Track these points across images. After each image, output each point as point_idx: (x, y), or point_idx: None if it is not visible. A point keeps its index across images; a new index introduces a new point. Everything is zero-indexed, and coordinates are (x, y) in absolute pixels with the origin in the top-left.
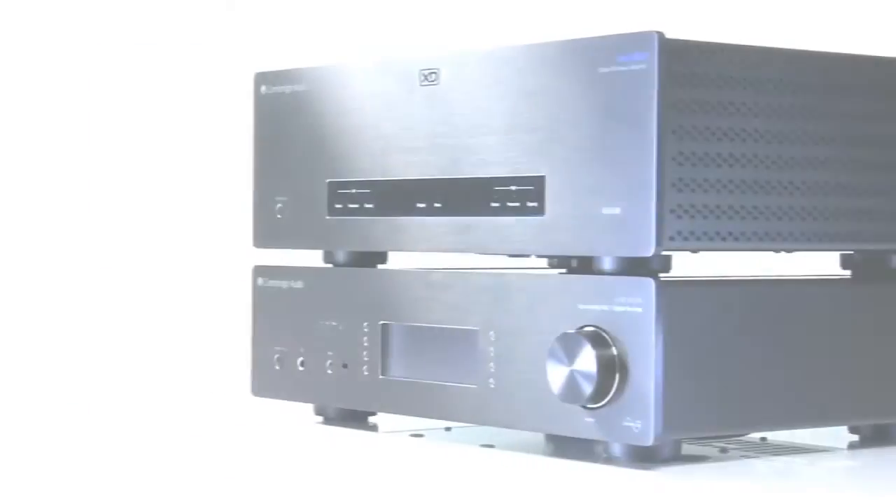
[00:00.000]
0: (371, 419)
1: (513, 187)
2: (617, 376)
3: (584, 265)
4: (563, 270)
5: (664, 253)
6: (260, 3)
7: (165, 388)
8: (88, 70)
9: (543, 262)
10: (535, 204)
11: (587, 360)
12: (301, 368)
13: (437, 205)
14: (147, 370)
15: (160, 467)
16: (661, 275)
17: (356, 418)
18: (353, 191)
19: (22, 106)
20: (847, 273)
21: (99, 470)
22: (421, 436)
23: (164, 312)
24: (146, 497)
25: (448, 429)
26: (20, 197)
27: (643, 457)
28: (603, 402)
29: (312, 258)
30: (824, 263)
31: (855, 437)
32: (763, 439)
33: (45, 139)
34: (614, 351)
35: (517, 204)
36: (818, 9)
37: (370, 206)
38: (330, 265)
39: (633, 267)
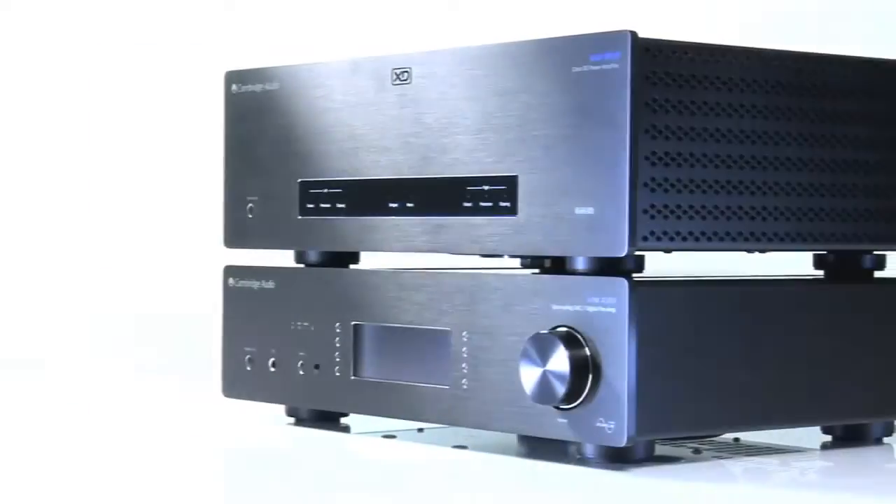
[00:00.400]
0: (343, 420)
1: (485, 187)
2: (590, 377)
3: (557, 265)
4: (536, 271)
5: (637, 253)
6: (233, 1)
7: (136, 388)
8: (58, 70)
9: (516, 262)
10: (507, 204)
11: (560, 360)
12: (272, 369)
13: (409, 205)
14: (118, 370)
15: (128, 468)
16: (635, 275)
17: (328, 419)
18: (325, 190)
19: None
20: (820, 273)
21: (65, 471)
22: (393, 437)
23: (134, 312)
24: (113, 499)
25: (420, 430)
26: None
27: (616, 458)
28: (576, 403)
29: (284, 258)
30: (798, 263)
31: (827, 438)
32: (736, 440)
33: (11, 141)
34: (587, 351)
35: (490, 204)
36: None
37: (342, 205)
38: (301, 265)
39: (606, 267)
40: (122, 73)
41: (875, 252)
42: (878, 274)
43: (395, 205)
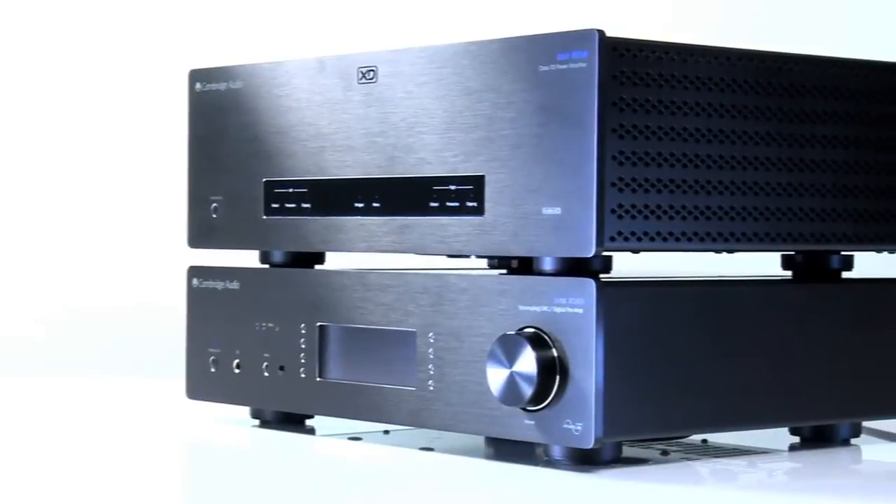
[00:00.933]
0: (308, 422)
1: (452, 187)
2: (557, 378)
3: (524, 266)
4: (503, 271)
5: (605, 253)
6: None
7: (98, 389)
8: (21, 69)
9: (483, 262)
10: (474, 204)
11: (527, 361)
12: (237, 371)
13: (375, 204)
14: (79, 370)
15: (89, 471)
16: (602, 275)
17: (293, 421)
18: (290, 190)
19: None
20: (788, 274)
21: (24, 471)
22: (359, 439)
23: (97, 313)
24: (72, 501)
25: (386, 432)
26: None
27: (584, 459)
28: (543, 405)
29: (248, 258)
30: (765, 264)
31: (795, 439)
32: (704, 441)
33: None
34: (554, 352)
35: (456, 204)
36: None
37: (307, 205)
38: (266, 266)
39: (573, 267)
40: (86, 71)
41: (843, 252)
42: (845, 274)
43: (360, 205)
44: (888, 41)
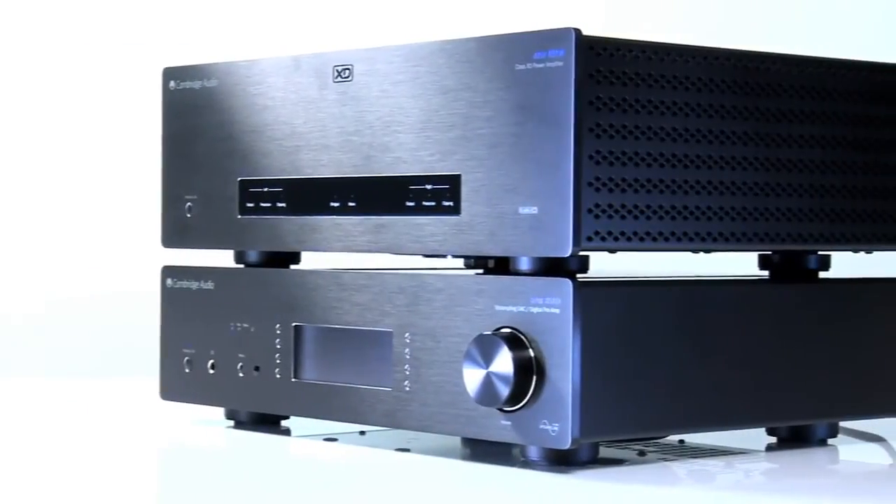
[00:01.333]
0: (283, 423)
1: (428, 186)
2: (534, 378)
3: (500, 266)
4: (480, 271)
5: (582, 253)
6: None
7: (71, 391)
8: None
9: (460, 262)
10: (450, 203)
11: (504, 362)
12: (211, 371)
13: (350, 204)
14: (53, 372)
15: (62, 472)
16: (579, 275)
17: (268, 422)
18: (265, 189)
19: None
20: (765, 274)
21: None
22: (335, 440)
23: (70, 314)
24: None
25: (362, 433)
26: None
27: (560, 460)
28: (520, 405)
29: (223, 258)
30: (743, 264)
31: (772, 439)
32: (681, 441)
33: None
34: (531, 353)
35: (432, 203)
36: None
37: (282, 204)
38: (241, 265)
39: (550, 267)
40: (60, 68)
41: (820, 252)
42: (822, 274)
43: (336, 204)
44: (866, 41)
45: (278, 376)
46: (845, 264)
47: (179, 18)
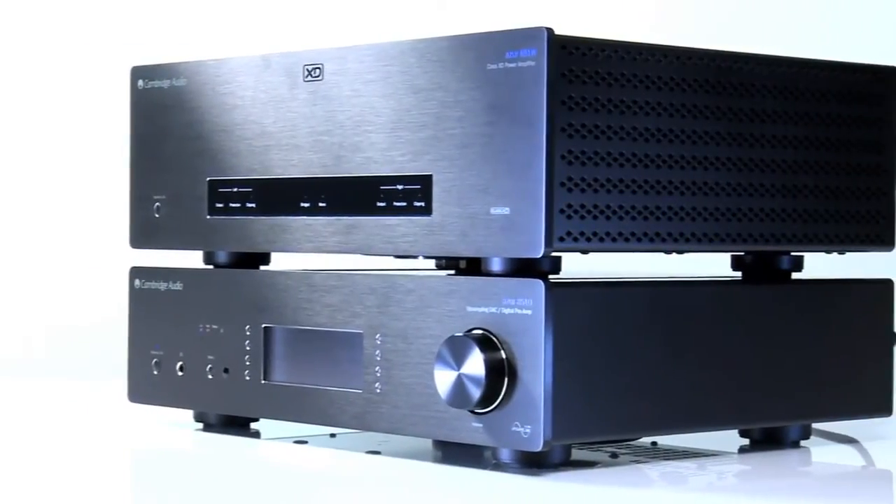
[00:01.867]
0: (253, 425)
1: (399, 186)
2: (506, 380)
3: (472, 266)
4: (451, 272)
5: (554, 254)
6: None
7: (37, 392)
8: None
9: (431, 263)
10: (422, 204)
11: (475, 363)
12: (180, 373)
13: (321, 204)
14: (17, 372)
15: (25, 478)
16: (551, 276)
17: (237, 425)
18: (235, 189)
19: None
20: (738, 274)
21: None
22: (305, 442)
23: (37, 314)
24: None
25: (333, 435)
26: None
27: (532, 462)
28: (491, 407)
29: (192, 259)
30: (715, 264)
31: (745, 441)
32: (654, 443)
33: None
34: (503, 354)
35: (404, 203)
36: (709, 7)
37: (252, 205)
38: (210, 266)
39: (522, 268)
40: (26, 68)
41: (793, 253)
42: (795, 275)
43: (306, 204)
44: (838, 41)
45: (248, 378)
46: (818, 265)
47: (148, 17)
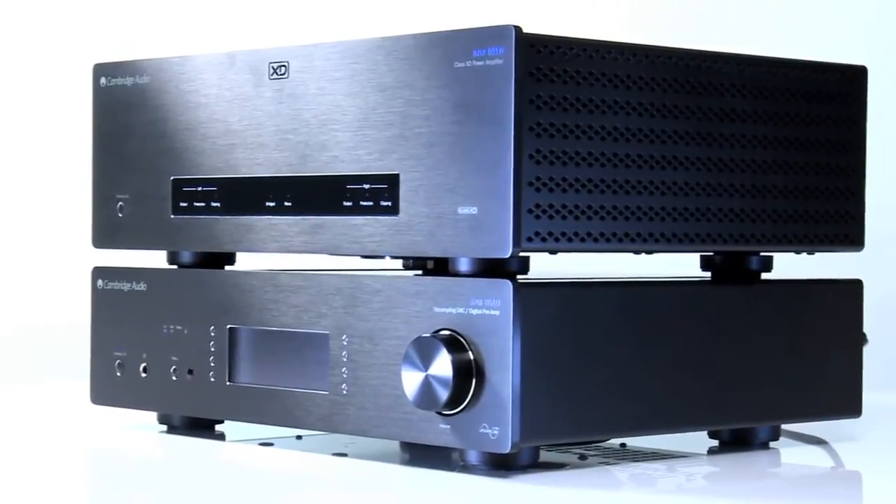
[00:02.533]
0: (218, 427)
1: (366, 186)
2: (473, 381)
3: (439, 267)
4: (419, 272)
5: (522, 254)
6: None
7: None
8: None
9: (398, 263)
10: (388, 203)
11: (443, 364)
12: (144, 375)
13: (286, 204)
14: None
15: None
16: (519, 276)
17: (202, 427)
18: (199, 188)
19: None
20: (707, 275)
21: None
22: (270, 444)
23: None
24: None
25: (299, 437)
26: None
27: (500, 464)
28: (459, 409)
29: (156, 259)
30: (684, 265)
31: (714, 442)
32: (623, 445)
33: None
34: (471, 355)
35: (370, 203)
36: (678, 6)
37: (217, 204)
38: (174, 266)
39: (490, 268)
40: None
41: (762, 253)
42: (765, 275)
43: (272, 204)
44: (807, 40)
45: (212, 380)
46: (788, 265)
47: (111, 13)
